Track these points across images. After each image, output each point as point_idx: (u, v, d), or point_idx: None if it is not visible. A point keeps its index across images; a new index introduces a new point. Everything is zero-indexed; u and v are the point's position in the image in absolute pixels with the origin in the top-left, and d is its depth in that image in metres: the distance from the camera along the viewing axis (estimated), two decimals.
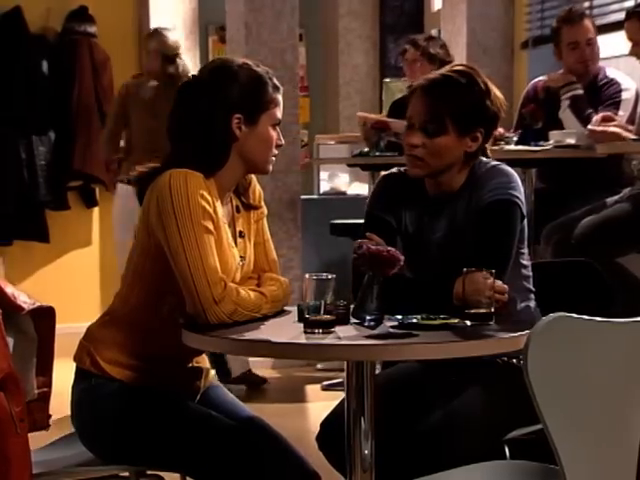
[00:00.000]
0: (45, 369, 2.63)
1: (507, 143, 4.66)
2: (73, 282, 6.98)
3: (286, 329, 2.31)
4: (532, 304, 2.80)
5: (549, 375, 1.85)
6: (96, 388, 2.49)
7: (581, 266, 3.04)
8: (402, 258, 2.34)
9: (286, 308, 2.55)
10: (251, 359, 5.02)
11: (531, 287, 2.81)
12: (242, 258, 2.58)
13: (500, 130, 4.74)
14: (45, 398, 2.64)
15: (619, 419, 1.91)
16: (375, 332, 2.23)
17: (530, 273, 2.82)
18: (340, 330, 2.25)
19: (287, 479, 2.47)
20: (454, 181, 2.71)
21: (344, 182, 6.10)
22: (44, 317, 2.61)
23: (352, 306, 2.34)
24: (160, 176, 2.44)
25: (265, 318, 2.44)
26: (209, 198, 2.44)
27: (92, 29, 6.99)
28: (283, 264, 5.75)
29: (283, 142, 2.66)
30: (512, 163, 4.67)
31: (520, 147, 4.60)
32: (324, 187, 6.22)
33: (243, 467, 2.42)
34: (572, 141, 4.50)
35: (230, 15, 5.84)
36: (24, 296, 2.56)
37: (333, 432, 2.56)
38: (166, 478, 2.53)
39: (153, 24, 7.10)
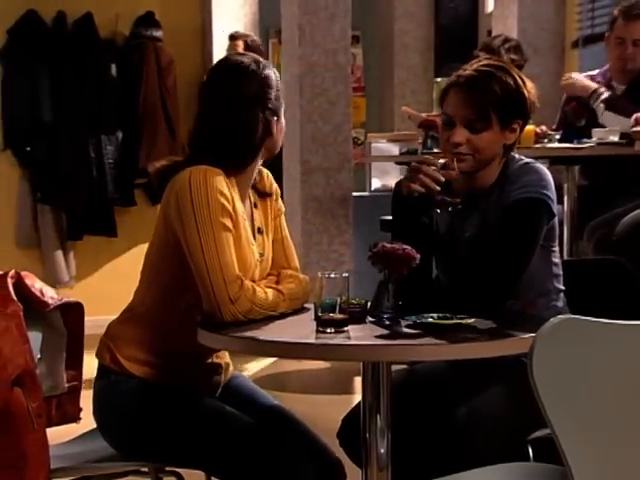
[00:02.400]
0: (75, 363, 2.57)
1: (550, 141, 4.48)
2: (138, 275, 6.93)
3: (300, 328, 2.19)
4: (560, 304, 2.64)
5: (555, 377, 1.70)
6: (115, 385, 2.40)
7: (612, 265, 2.88)
8: (417, 256, 2.21)
9: (306, 305, 2.43)
10: None
11: (560, 286, 2.65)
12: (260, 255, 2.46)
13: (543, 128, 4.57)
14: (75, 391, 2.58)
15: (628, 421, 1.76)
16: (386, 332, 2.10)
17: (560, 272, 2.66)
18: (354, 329, 2.13)
19: (307, 468, 2.34)
20: (488, 177, 2.56)
21: (395, 179, 5.95)
22: (73, 312, 2.55)
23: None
24: (180, 173, 2.34)
25: (283, 316, 2.32)
26: (228, 195, 2.34)
27: (158, 33, 6.96)
28: (335, 260, 5.66)
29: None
30: (555, 160, 4.57)
31: (563, 145, 4.42)
32: (375, 184, 6.09)
33: (261, 463, 2.31)
34: (615, 138, 4.30)
35: (285, 18, 5.74)
36: (52, 292, 2.50)
37: (353, 429, 2.43)
38: (185, 475, 2.43)
39: (215, 28, 7.07)
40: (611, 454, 1.76)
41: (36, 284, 2.46)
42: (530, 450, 2.46)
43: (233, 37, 6.05)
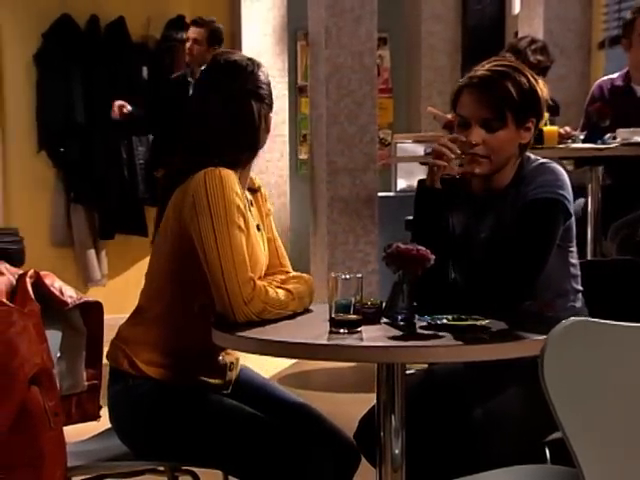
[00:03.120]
0: (94, 362, 2.55)
1: (574, 141, 4.42)
2: None
3: (313, 328, 2.16)
4: (578, 304, 2.58)
5: (566, 379, 1.66)
6: (134, 388, 2.36)
7: (633, 266, 2.82)
8: (432, 257, 2.17)
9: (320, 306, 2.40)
10: None
11: (579, 287, 2.59)
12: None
13: (567, 128, 4.51)
14: (95, 390, 2.56)
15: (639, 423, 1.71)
16: (400, 333, 2.06)
17: (578, 272, 2.60)
18: (368, 330, 2.09)
19: (325, 460, 2.32)
20: (503, 178, 2.51)
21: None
22: (92, 312, 2.53)
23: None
24: (195, 174, 2.31)
25: (294, 316, 2.30)
26: (241, 195, 2.33)
27: None
28: (361, 259, 5.62)
29: None
30: (579, 161, 4.50)
31: (587, 145, 4.35)
32: (401, 184, 6.04)
33: (282, 461, 2.29)
34: (639, 139, 4.24)
35: (312, 20, 5.71)
36: (71, 291, 2.47)
37: (370, 430, 2.39)
38: (200, 474, 2.40)
39: (245, 31, 7.06)
40: (623, 456, 1.71)
41: (56, 283, 2.45)
42: (547, 452, 2.41)
43: (196, 23, 5.86)
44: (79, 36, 6.92)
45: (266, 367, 4.92)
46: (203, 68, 2.57)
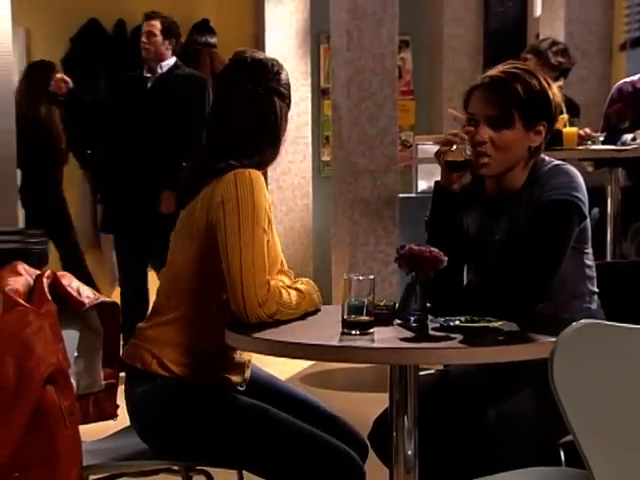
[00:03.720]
0: (111, 361, 2.54)
1: (594, 142, 4.37)
2: None
3: (325, 329, 2.13)
4: (594, 306, 2.54)
5: (576, 381, 1.63)
6: (163, 389, 2.33)
7: None
8: (445, 259, 2.14)
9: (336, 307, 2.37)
10: None
11: (594, 289, 2.55)
12: None
13: (587, 130, 4.46)
14: (112, 389, 2.55)
15: None
16: (411, 335, 2.04)
17: (594, 274, 2.56)
18: (381, 331, 2.06)
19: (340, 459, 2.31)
20: (516, 180, 2.48)
21: None
22: (109, 312, 2.53)
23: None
24: (223, 177, 2.30)
25: (305, 317, 2.28)
26: (269, 198, 2.33)
27: (213, 40, 6.97)
28: (381, 260, 5.59)
29: None
30: (599, 162, 4.45)
31: (606, 146, 4.30)
32: (422, 186, 5.99)
33: (305, 455, 2.30)
34: None
35: (334, 23, 5.68)
36: (89, 291, 2.47)
37: (384, 431, 2.37)
38: (214, 474, 2.38)
39: (268, 35, 7.05)
40: (634, 459, 1.68)
41: (73, 284, 2.44)
42: (562, 454, 2.37)
43: (150, 16, 5.51)
44: (106, 40, 6.94)
45: (286, 367, 4.90)
46: (225, 66, 2.51)
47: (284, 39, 7.06)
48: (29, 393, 2.05)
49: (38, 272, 2.35)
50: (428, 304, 2.31)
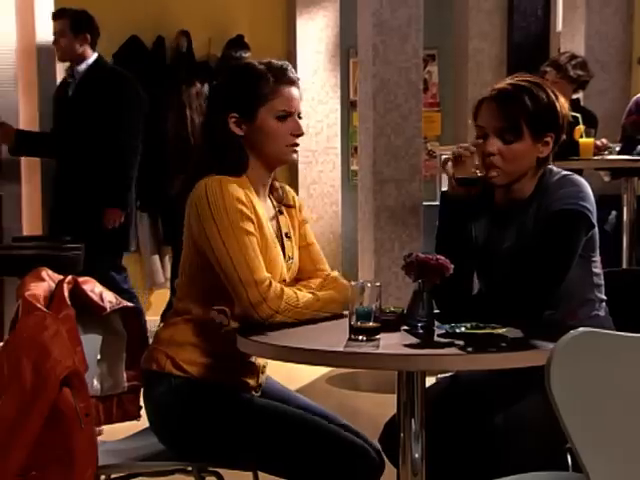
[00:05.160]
0: (134, 363, 2.50)
1: (610, 153, 4.28)
2: None
3: (334, 335, 2.07)
4: (602, 313, 2.46)
5: (573, 389, 1.56)
6: (178, 388, 2.28)
7: None
8: (451, 267, 2.08)
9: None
10: None
11: (602, 296, 2.47)
12: (290, 258, 2.37)
13: (603, 140, 4.38)
14: (136, 390, 2.51)
15: None
16: (416, 341, 1.97)
17: (602, 281, 2.48)
18: (388, 337, 2.00)
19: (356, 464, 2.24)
20: (524, 189, 2.41)
21: None
22: (132, 316, 2.50)
23: None
24: (197, 185, 2.25)
25: (317, 322, 2.21)
26: (245, 200, 2.23)
27: (247, 55, 6.91)
28: None
29: (302, 131, 2.34)
30: (616, 172, 4.36)
31: (621, 156, 4.21)
32: None
33: (334, 465, 2.22)
34: None
35: (361, 38, 5.63)
36: (111, 296, 2.44)
37: (394, 433, 2.30)
38: (225, 476, 2.33)
39: (299, 50, 7.02)
40: (629, 466, 1.60)
41: (96, 289, 2.41)
42: (569, 458, 2.29)
43: (55, 15, 4.87)
44: (146, 55, 6.94)
45: (312, 368, 4.83)
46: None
47: (315, 53, 7.02)
48: (45, 394, 2.02)
49: (61, 278, 2.32)
50: (438, 311, 2.25)
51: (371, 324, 1.98)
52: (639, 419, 1.58)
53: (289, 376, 2.93)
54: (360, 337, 1.98)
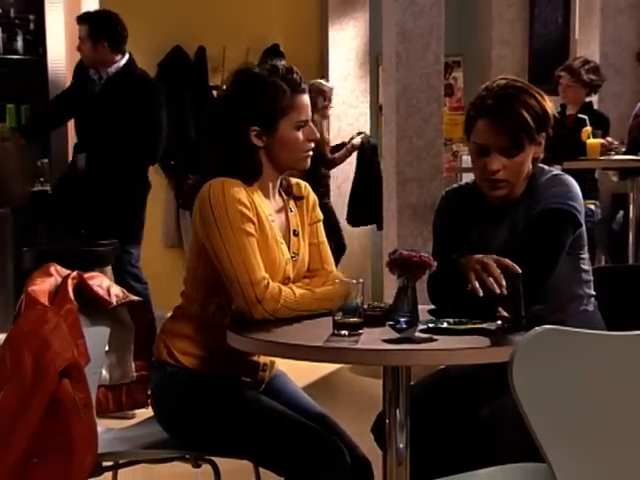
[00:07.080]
0: (142, 354, 2.45)
1: (617, 154, 4.12)
2: None
3: (319, 330, 1.98)
4: (591, 308, 2.34)
5: (536, 386, 1.47)
6: (170, 376, 2.24)
7: None
8: (434, 263, 1.97)
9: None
10: None
11: (591, 291, 2.35)
12: (295, 254, 2.27)
13: (609, 139, 4.23)
14: (144, 380, 2.45)
15: (610, 429, 1.49)
16: (397, 336, 1.87)
17: (590, 277, 2.36)
18: (370, 332, 1.91)
19: (341, 466, 2.13)
20: (516, 190, 2.30)
21: None
22: (139, 309, 2.44)
23: None
24: (202, 187, 2.18)
25: (313, 317, 2.12)
26: (247, 202, 2.15)
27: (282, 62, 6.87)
28: None
29: (317, 135, 2.25)
30: (623, 173, 4.20)
31: (627, 157, 4.06)
32: None
33: (302, 455, 2.11)
34: None
35: (385, 46, 5.53)
36: (118, 290, 2.37)
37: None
38: (221, 464, 2.25)
39: (331, 57, 6.94)
40: (593, 461, 1.50)
41: (104, 283, 2.35)
42: None
43: (78, 20, 4.54)
44: (189, 64, 6.92)
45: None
46: None
47: (345, 61, 6.95)
48: (45, 385, 1.96)
49: (67, 272, 2.27)
50: (433, 307, 2.16)
51: (353, 319, 1.89)
52: (602, 416, 1.48)
53: (313, 365, 2.83)
54: (343, 332, 1.89)
